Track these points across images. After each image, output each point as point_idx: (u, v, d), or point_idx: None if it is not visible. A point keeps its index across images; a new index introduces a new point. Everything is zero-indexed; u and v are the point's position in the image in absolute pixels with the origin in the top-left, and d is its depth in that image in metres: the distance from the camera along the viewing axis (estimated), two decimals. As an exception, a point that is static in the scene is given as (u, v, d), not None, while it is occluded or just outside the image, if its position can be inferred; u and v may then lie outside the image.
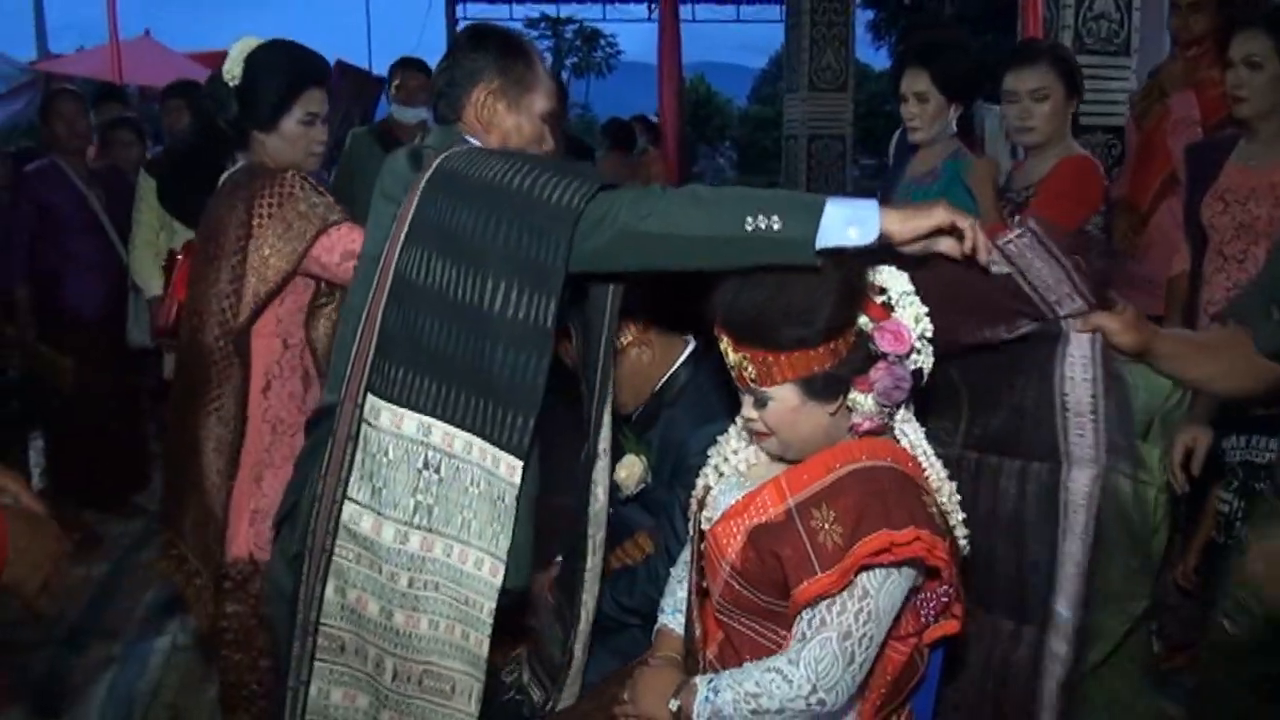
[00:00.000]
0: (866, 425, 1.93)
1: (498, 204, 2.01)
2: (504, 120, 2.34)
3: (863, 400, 1.90)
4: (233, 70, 2.84)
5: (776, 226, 1.84)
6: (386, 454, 2.11)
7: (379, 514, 2.12)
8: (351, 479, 2.14)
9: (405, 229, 2.11)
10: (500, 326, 1.99)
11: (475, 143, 2.28)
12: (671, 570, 2.29)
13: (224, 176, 2.93)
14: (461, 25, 17.20)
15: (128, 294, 4.86)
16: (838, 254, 1.88)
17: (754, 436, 2.02)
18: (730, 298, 1.91)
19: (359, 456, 2.14)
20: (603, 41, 38.23)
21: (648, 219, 1.94)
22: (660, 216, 1.93)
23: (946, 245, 1.88)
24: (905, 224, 1.85)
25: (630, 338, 2.56)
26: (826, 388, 1.88)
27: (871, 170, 16.53)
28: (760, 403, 1.93)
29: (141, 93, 11.40)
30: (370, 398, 2.13)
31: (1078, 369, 1.91)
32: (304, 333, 2.81)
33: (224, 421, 2.80)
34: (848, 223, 1.83)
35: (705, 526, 2.06)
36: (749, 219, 1.86)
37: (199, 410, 2.79)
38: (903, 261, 1.92)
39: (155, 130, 6.72)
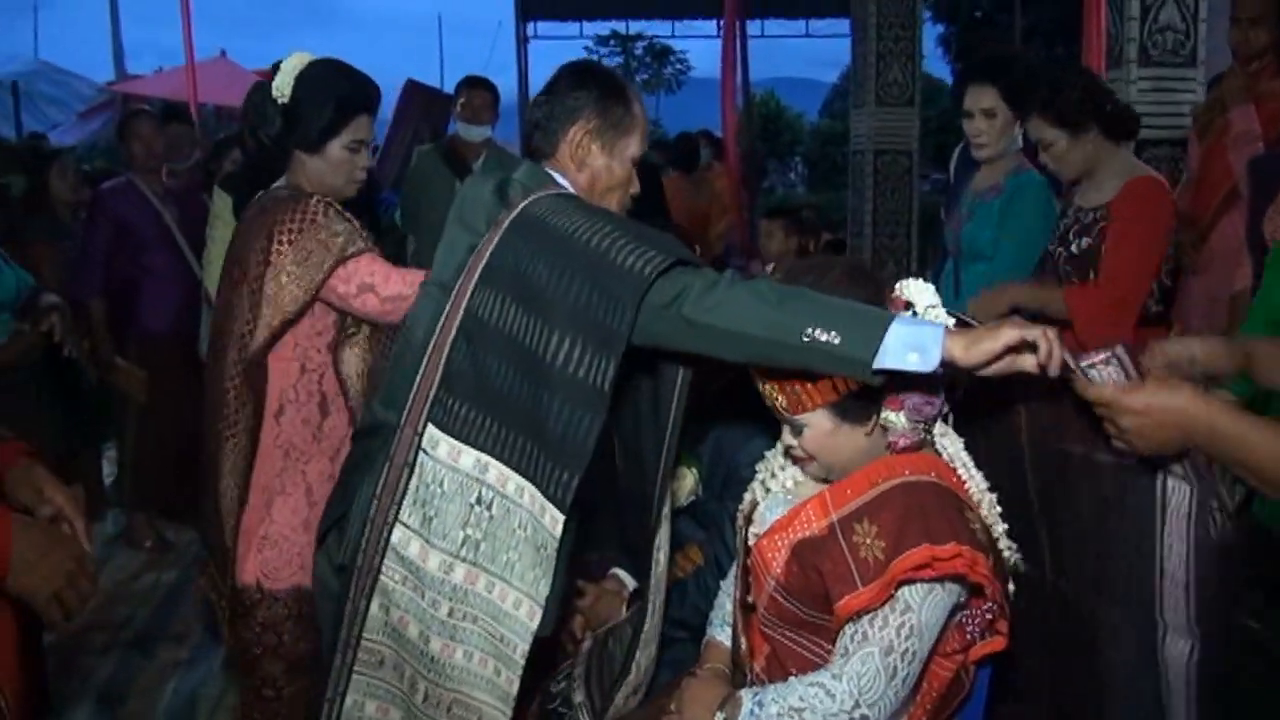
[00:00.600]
0: (903, 442, 1.94)
1: (573, 260, 2.02)
2: (596, 160, 2.33)
3: (895, 418, 1.91)
4: (282, 87, 2.75)
5: (836, 342, 1.82)
6: (441, 485, 2.14)
7: (427, 542, 2.15)
8: (404, 504, 2.17)
9: (481, 267, 2.14)
10: (560, 380, 2.01)
11: (563, 181, 2.29)
12: (721, 583, 2.30)
13: (255, 199, 2.88)
14: (532, 44, 17.38)
15: (201, 308, 4.96)
16: (859, 266, 1.93)
17: (797, 463, 2.04)
18: None
19: (414, 483, 2.16)
20: (672, 58, 38.33)
21: (711, 311, 1.93)
22: (723, 311, 1.92)
23: (1026, 363, 1.81)
24: (970, 350, 1.79)
25: None
26: (857, 409, 1.90)
27: (941, 185, 16.34)
28: (796, 430, 1.95)
29: (218, 112, 11.64)
30: (430, 428, 2.15)
31: (1175, 537, 1.84)
32: (327, 358, 2.77)
33: (239, 448, 2.77)
34: (909, 347, 1.80)
35: (751, 541, 2.07)
36: (808, 330, 1.83)
37: (218, 434, 2.78)
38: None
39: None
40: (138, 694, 3.76)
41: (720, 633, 2.22)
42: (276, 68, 2.77)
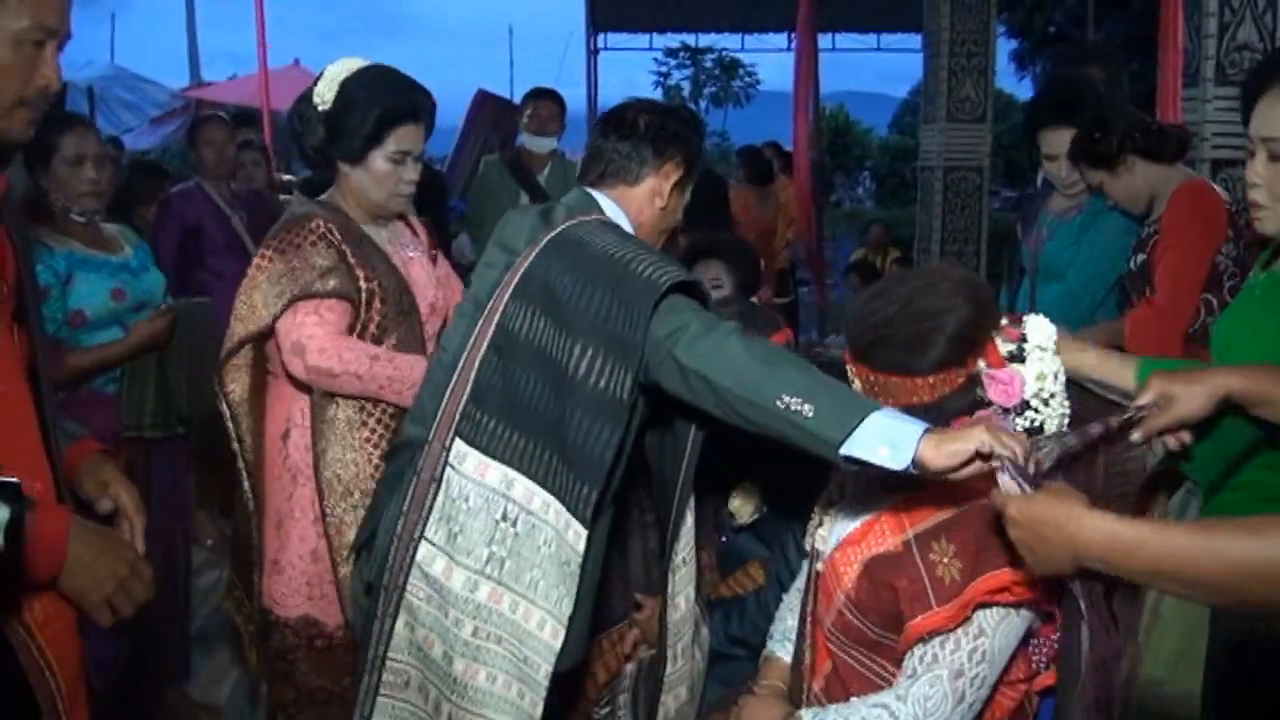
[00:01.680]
0: None
1: (598, 272, 2.04)
2: (671, 201, 2.35)
3: None
4: (324, 94, 2.62)
5: (808, 415, 1.80)
6: (467, 500, 2.12)
7: (452, 558, 2.12)
8: (430, 520, 2.14)
9: (516, 281, 2.14)
10: (581, 392, 2.02)
11: (614, 209, 2.28)
12: (783, 598, 2.26)
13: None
14: (601, 55, 17.42)
15: (268, 311, 4.99)
16: (973, 283, 1.90)
17: None
18: (856, 308, 1.92)
19: (440, 499, 2.14)
20: (742, 71, 38.26)
21: (699, 356, 1.94)
22: (710, 359, 1.93)
23: (976, 468, 1.71)
24: (942, 449, 1.70)
25: None
26: (926, 421, 1.83)
27: (1012, 202, 16.21)
28: None
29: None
30: (458, 442, 2.14)
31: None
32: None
33: (245, 466, 2.73)
34: (882, 441, 1.74)
35: (820, 545, 2.03)
36: (784, 395, 1.82)
37: (228, 449, 2.75)
38: None
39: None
40: (196, 691, 3.78)
41: (780, 649, 2.18)
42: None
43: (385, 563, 2.18)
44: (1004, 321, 1.91)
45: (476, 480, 2.11)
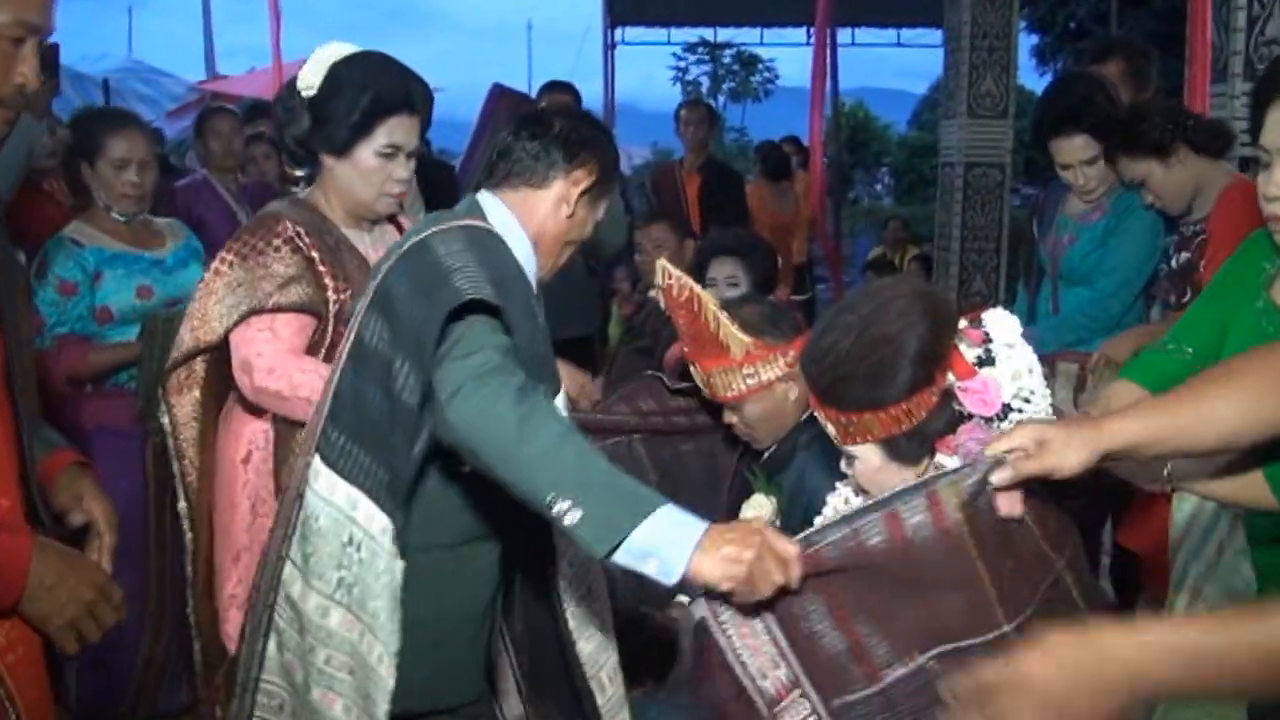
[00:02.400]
0: None
1: (422, 279, 1.91)
2: (582, 211, 2.18)
3: (949, 463, 1.74)
4: (309, 79, 2.42)
5: (574, 521, 1.61)
6: (318, 520, 2.00)
7: (307, 581, 2.01)
8: (293, 538, 2.05)
9: (373, 288, 2.02)
10: (400, 409, 1.89)
11: (509, 214, 2.10)
12: None
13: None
14: (619, 50, 17.31)
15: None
16: (925, 295, 1.76)
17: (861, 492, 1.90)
18: (809, 350, 1.80)
19: (301, 515, 2.04)
20: (760, 66, 38.07)
21: (465, 423, 1.75)
22: (475, 428, 1.73)
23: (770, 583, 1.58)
24: (718, 555, 1.56)
25: (780, 372, 2.44)
26: (909, 449, 1.76)
27: (1032, 200, 16.06)
28: (849, 460, 1.83)
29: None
30: (315, 458, 2.03)
31: None
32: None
33: (186, 492, 2.61)
34: (652, 552, 1.58)
35: None
36: (553, 495, 1.64)
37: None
38: None
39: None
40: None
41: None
42: None
43: (258, 581, 2.11)
44: (962, 324, 1.78)
45: (326, 499, 2.00)
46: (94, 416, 3.35)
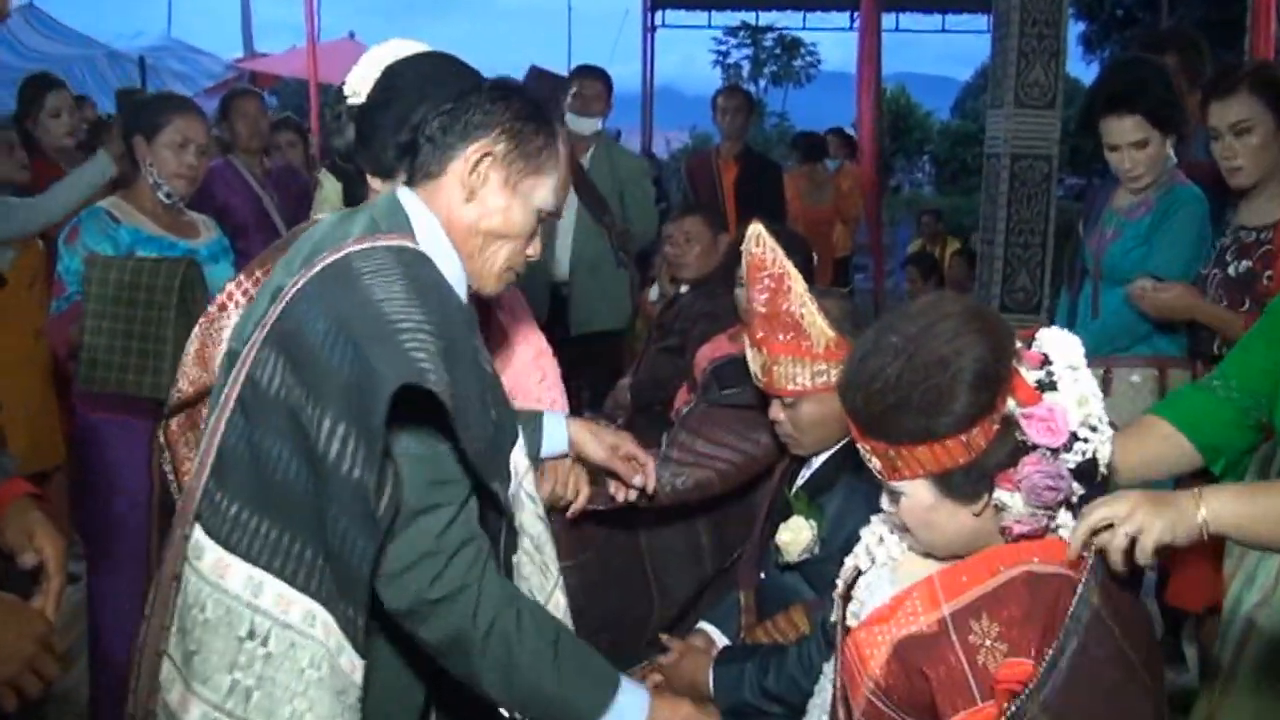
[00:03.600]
0: (1019, 529, 1.61)
1: (352, 321, 1.57)
2: (492, 196, 1.79)
3: (1010, 499, 1.58)
4: (357, 84, 2.07)
5: None
6: (204, 609, 1.63)
7: (188, 687, 1.64)
8: (171, 630, 1.67)
9: (274, 318, 1.65)
10: (336, 480, 1.54)
11: (428, 219, 1.78)
12: (825, 666, 1.97)
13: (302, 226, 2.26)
14: (658, 33, 17.13)
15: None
16: (977, 313, 1.60)
17: (901, 530, 1.74)
18: (849, 376, 1.62)
19: (180, 602, 1.67)
20: (803, 50, 37.77)
21: (430, 629, 1.62)
22: (438, 638, 1.62)
23: None
24: None
25: (832, 379, 2.26)
26: (966, 484, 1.58)
27: (1077, 190, 15.79)
28: (894, 497, 1.65)
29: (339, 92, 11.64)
30: (197, 530, 1.66)
31: None
32: None
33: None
34: None
35: (850, 622, 1.76)
36: (514, 710, 1.62)
37: None
38: None
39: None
40: None
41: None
42: None
43: (131, 680, 1.73)
44: (1018, 344, 1.64)
45: (214, 583, 1.63)
46: (97, 407, 3.30)
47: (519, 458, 1.86)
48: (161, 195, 3.35)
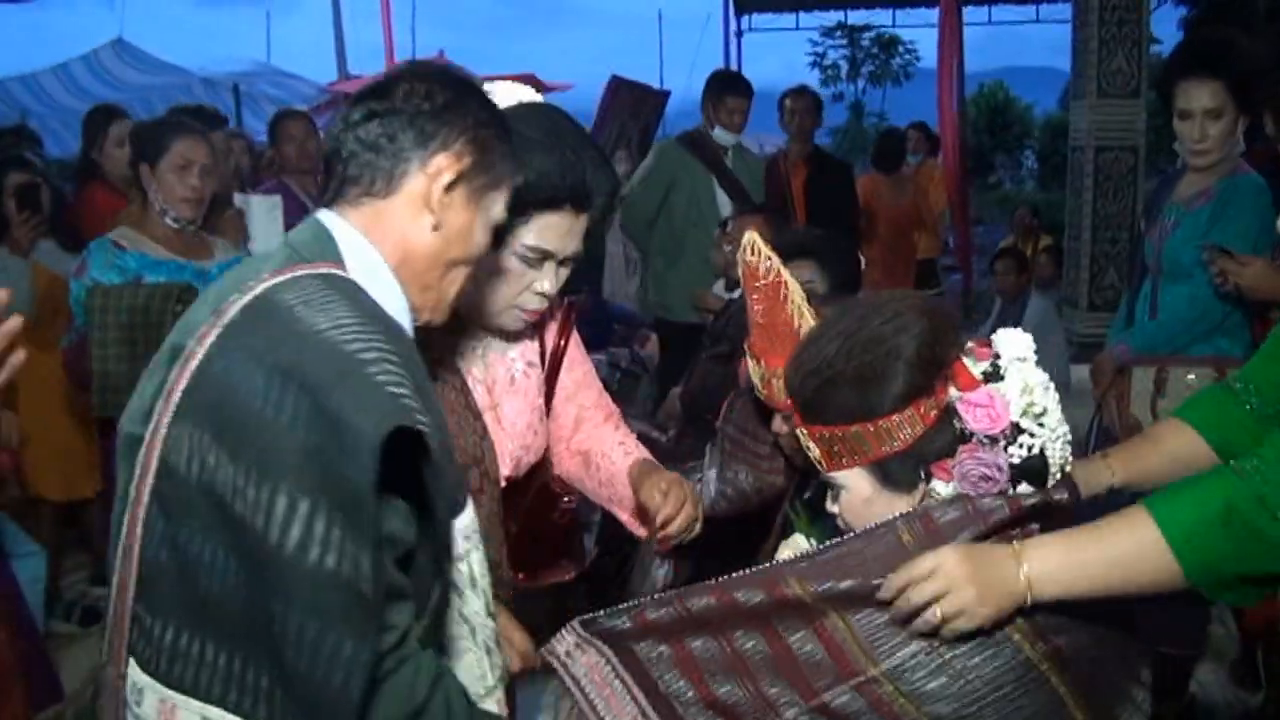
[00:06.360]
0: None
1: (301, 365, 1.24)
2: (456, 216, 1.46)
3: (945, 489, 1.54)
4: None
5: None
6: None
7: None
8: None
9: (183, 385, 1.30)
10: (294, 574, 1.20)
11: (358, 253, 1.43)
12: None
13: None
14: (746, 37, 17.00)
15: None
16: (924, 303, 1.57)
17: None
18: (791, 361, 1.62)
19: None
20: (900, 49, 37.25)
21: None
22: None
23: None
24: None
25: None
26: (903, 473, 1.56)
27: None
28: (835, 494, 1.63)
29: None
30: (132, 667, 1.36)
31: None
32: None
33: None
34: None
35: None
36: None
37: None
38: None
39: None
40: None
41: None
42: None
43: None
44: (969, 343, 1.60)
45: None
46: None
47: (461, 538, 1.47)
48: (169, 220, 3.36)
